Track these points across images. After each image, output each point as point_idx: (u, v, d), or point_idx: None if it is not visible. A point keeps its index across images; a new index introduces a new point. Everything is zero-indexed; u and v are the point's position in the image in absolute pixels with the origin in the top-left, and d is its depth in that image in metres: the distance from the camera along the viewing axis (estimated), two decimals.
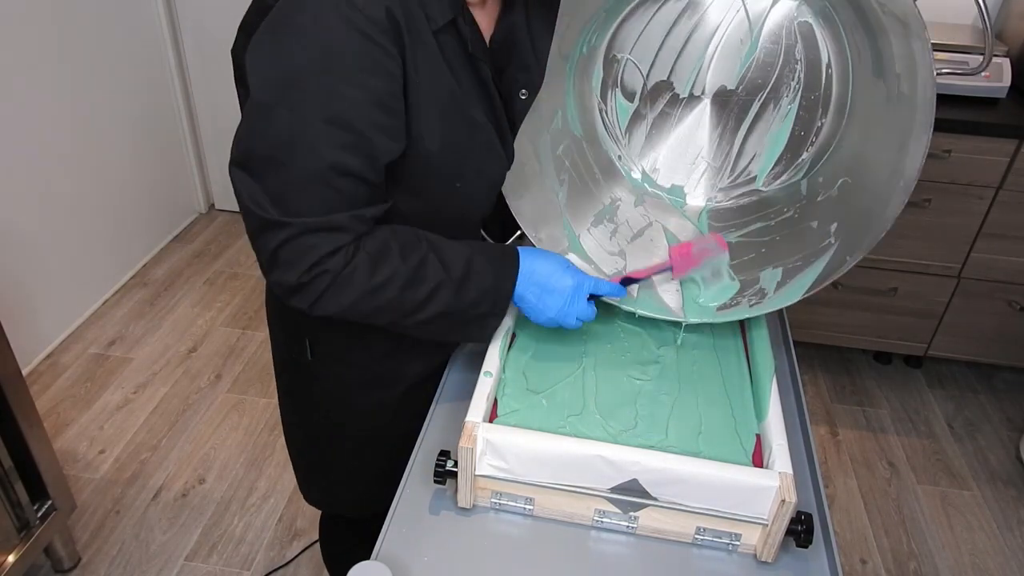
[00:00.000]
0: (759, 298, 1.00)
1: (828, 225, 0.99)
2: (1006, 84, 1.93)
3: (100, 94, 2.43)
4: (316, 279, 0.78)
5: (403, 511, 0.85)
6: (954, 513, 1.95)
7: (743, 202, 1.11)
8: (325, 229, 0.77)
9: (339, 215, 0.77)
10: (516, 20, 0.88)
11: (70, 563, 1.70)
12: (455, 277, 0.85)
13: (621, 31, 1.05)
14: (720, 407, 0.91)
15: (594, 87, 1.08)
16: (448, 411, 0.98)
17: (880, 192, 0.92)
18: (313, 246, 0.77)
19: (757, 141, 1.08)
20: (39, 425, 1.52)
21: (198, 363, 2.33)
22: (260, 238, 0.78)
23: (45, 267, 2.28)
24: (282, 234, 0.76)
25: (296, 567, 1.74)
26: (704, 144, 1.10)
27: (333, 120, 0.74)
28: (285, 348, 1.07)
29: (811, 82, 1.03)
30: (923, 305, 2.18)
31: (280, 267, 0.78)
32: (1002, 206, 1.99)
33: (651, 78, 1.07)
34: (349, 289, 0.79)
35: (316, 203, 0.76)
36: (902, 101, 0.90)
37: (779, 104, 1.05)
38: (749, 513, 0.78)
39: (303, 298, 0.80)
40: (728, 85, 1.06)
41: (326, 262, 0.77)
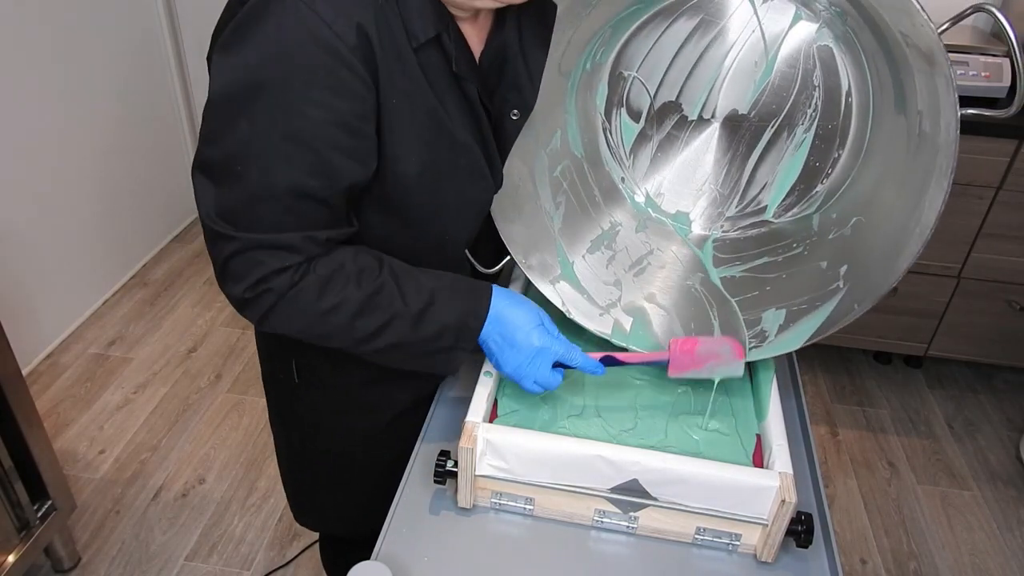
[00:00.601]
0: (759, 341, 0.94)
1: (838, 267, 0.94)
2: (1006, 84, 1.93)
3: (100, 94, 2.43)
4: (261, 296, 0.76)
5: (403, 511, 0.85)
6: (954, 513, 1.95)
7: (750, 233, 1.04)
8: (273, 247, 0.75)
9: (290, 234, 0.75)
10: (508, 37, 0.83)
11: (70, 563, 1.70)
12: (413, 311, 0.81)
13: (628, 48, 1.00)
14: (720, 407, 0.91)
15: (598, 105, 1.03)
16: (448, 411, 0.98)
17: (894, 237, 0.87)
18: (260, 262, 0.75)
19: (769, 170, 1.02)
20: (39, 425, 1.52)
21: (198, 363, 2.33)
22: (212, 247, 0.77)
23: (45, 267, 2.28)
24: (230, 247, 0.75)
25: (296, 567, 1.74)
26: (711, 170, 1.04)
27: (291, 137, 0.71)
28: (272, 366, 1.05)
29: (829, 111, 0.97)
30: (923, 305, 2.18)
31: (229, 279, 0.77)
32: (1002, 206, 1.99)
33: (659, 98, 1.01)
34: (295, 310, 0.77)
35: (267, 220, 0.74)
36: (924, 140, 0.85)
37: (794, 132, 0.99)
38: (749, 513, 0.78)
39: (251, 313, 0.79)
40: (740, 109, 1.00)
41: (271, 280, 0.75)
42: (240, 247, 0.74)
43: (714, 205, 1.06)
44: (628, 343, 0.97)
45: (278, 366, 1.03)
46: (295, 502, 1.19)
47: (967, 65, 1.94)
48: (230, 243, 0.75)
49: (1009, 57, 1.97)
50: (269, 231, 0.74)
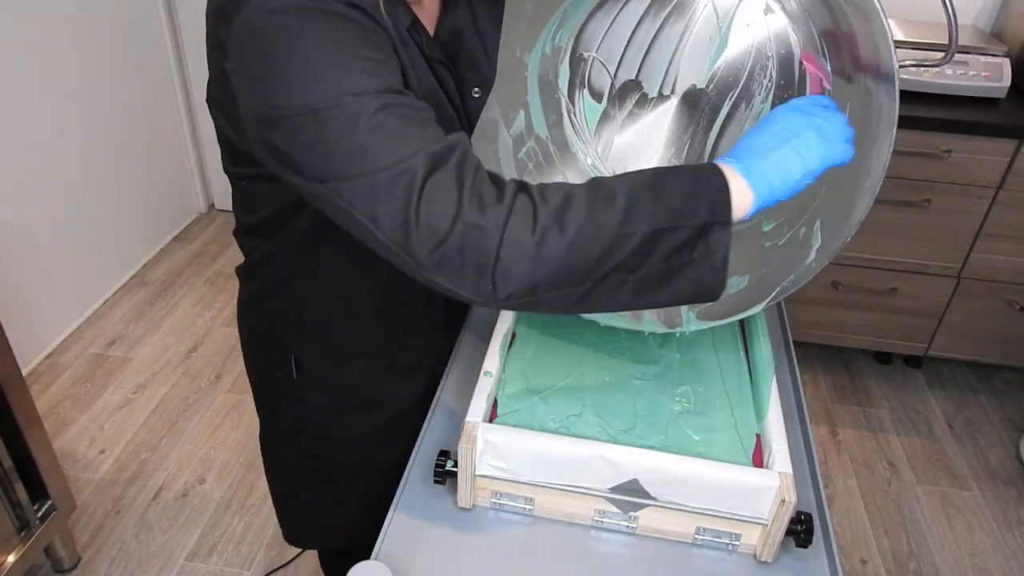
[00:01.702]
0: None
1: (799, 230, 0.95)
2: (1006, 84, 1.93)
3: (99, 94, 2.43)
4: (483, 221, 0.62)
5: (403, 511, 0.85)
6: (954, 513, 1.95)
7: None
8: (438, 162, 0.64)
9: (442, 142, 0.65)
10: (461, 18, 0.85)
11: (70, 563, 1.70)
12: (642, 181, 0.66)
13: (587, 29, 1.01)
14: (720, 407, 0.91)
15: (561, 87, 1.04)
16: (448, 411, 0.98)
17: (848, 194, 0.88)
18: (445, 184, 0.63)
19: (729, 142, 1.02)
20: (39, 425, 1.52)
21: (198, 363, 2.33)
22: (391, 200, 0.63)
23: (45, 267, 2.28)
24: (412, 181, 0.62)
25: (296, 567, 1.74)
26: (675, 145, 1.05)
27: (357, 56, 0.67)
28: (268, 370, 1.01)
29: (784, 80, 0.98)
30: (923, 305, 2.18)
31: (428, 226, 0.62)
32: (1002, 206, 1.99)
33: (619, 78, 1.02)
34: (525, 223, 0.62)
35: (399, 137, 0.65)
36: (869, 96, 0.86)
37: (751, 103, 1.00)
38: (749, 513, 0.78)
39: (475, 257, 0.62)
40: (698, 84, 1.00)
41: (470, 199, 0.62)
42: (420, 179, 0.62)
43: None
44: (597, 317, 0.97)
45: (276, 366, 1.00)
46: (292, 523, 1.15)
47: (967, 65, 1.94)
48: (402, 180, 0.62)
49: (1009, 57, 1.97)
50: (418, 147, 0.63)
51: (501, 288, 0.62)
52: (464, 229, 0.61)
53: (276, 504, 1.17)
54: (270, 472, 1.14)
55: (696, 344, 1.01)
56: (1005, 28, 2.15)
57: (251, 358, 1.05)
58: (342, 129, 0.63)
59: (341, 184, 0.64)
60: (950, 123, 1.87)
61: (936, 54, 0.88)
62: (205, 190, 3.11)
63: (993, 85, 1.93)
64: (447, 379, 1.03)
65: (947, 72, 1.94)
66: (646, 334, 1.03)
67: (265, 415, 1.09)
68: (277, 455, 1.11)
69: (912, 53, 1.99)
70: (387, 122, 0.64)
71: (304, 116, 0.64)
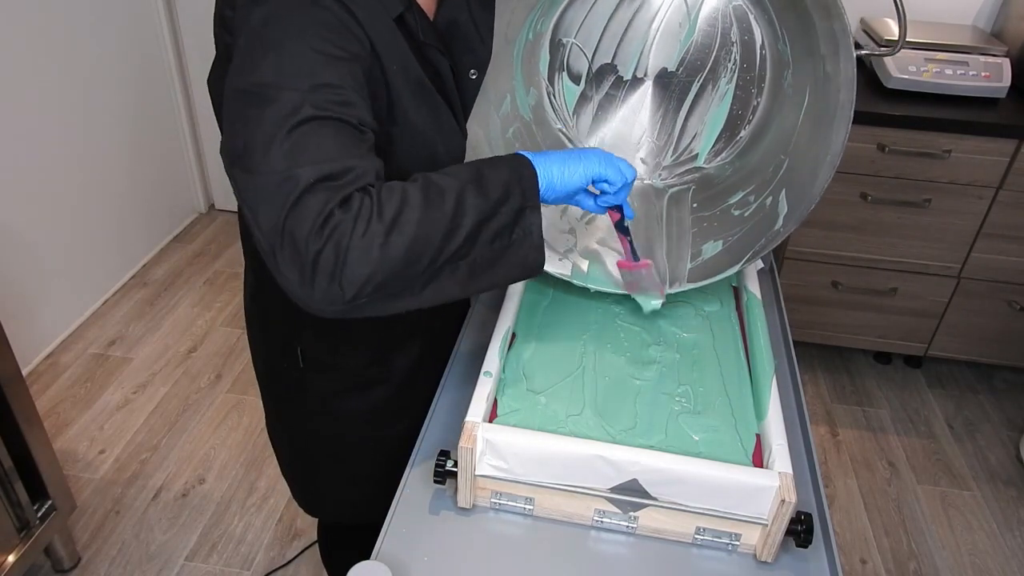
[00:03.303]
0: (695, 263, 1.05)
1: (765, 200, 1.03)
2: (1006, 84, 1.93)
3: (99, 94, 2.43)
4: (331, 236, 0.66)
5: (403, 511, 0.85)
6: (954, 513, 1.95)
7: (686, 179, 1.15)
8: (326, 178, 0.68)
9: (338, 161, 0.69)
10: (457, 6, 0.89)
11: (70, 563, 1.70)
12: (468, 178, 0.74)
13: (566, 16, 1.09)
14: (720, 407, 0.91)
15: (541, 71, 1.12)
16: (448, 411, 0.98)
17: (811, 167, 0.96)
18: (323, 197, 0.67)
19: (698, 121, 1.13)
20: (39, 425, 1.52)
21: (198, 363, 2.33)
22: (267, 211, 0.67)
23: (45, 267, 2.28)
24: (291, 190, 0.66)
25: (296, 567, 1.74)
26: (647, 124, 1.15)
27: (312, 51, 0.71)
28: (273, 360, 1.06)
29: (747, 63, 1.08)
30: (923, 305, 2.19)
31: (293, 233, 0.66)
32: (1002, 206, 1.99)
33: (596, 61, 1.11)
34: (367, 235, 0.67)
35: (310, 146, 0.69)
36: (828, 80, 0.94)
37: (717, 85, 1.10)
38: (749, 513, 0.78)
39: (323, 270, 0.66)
40: (669, 67, 1.10)
41: (334, 215, 0.67)
42: (301, 186, 0.66)
43: (652, 156, 1.16)
44: (587, 282, 1.04)
45: (281, 357, 1.04)
46: (304, 493, 1.20)
47: (967, 65, 1.94)
48: (286, 186, 0.66)
49: (1009, 57, 1.97)
50: (318, 161, 0.67)
51: (348, 290, 0.66)
52: (318, 242, 0.65)
53: (292, 482, 1.21)
54: (283, 455, 1.18)
55: (696, 344, 1.02)
56: (1005, 28, 2.15)
57: (260, 354, 1.09)
58: (267, 120, 0.68)
59: (241, 174, 0.69)
60: (950, 123, 1.87)
61: (937, 54, 0.92)
62: (205, 190, 3.11)
63: (993, 85, 1.93)
64: (447, 379, 1.03)
65: (947, 72, 1.94)
66: (646, 334, 1.03)
67: (272, 403, 1.13)
68: (287, 440, 1.15)
69: (915, 53, 1.99)
70: (305, 130, 0.68)
71: (247, 94, 0.70)
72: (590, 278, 1.05)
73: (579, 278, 1.05)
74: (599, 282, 1.05)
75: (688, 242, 1.08)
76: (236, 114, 0.71)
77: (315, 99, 0.69)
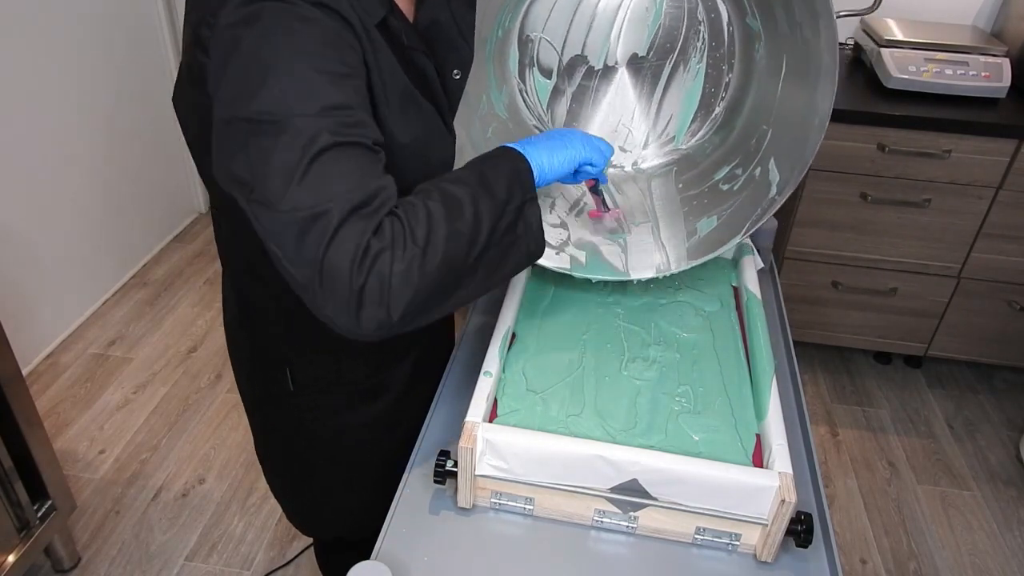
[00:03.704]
0: (690, 239, 1.06)
1: (754, 171, 1.04)
2: (1006, 84, 1.93)
3: (99, 94, 2.43)
4: (374, 264, 0.66)
5: (403, 511, 0.85)
6: (954, 513, 1.95)
7: (668, 160, 1.17)
8: (360, 206, 0.67)
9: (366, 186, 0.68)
10: (437, 2, 0.87)
11: (70, 563, 1.70)
12: (476, 183, 0.75)
13: (532, 11, 1.09)
14: (720, 407, 0.91)
15: (511, 68, 1.12)
16: (448, 411, 0.98)
17: (799, 133, 0.98)
18: (358, 229, 0.66)
19: (673, 102, 1.13)
20: (39, 425, 1.52)
21: (198, 363, 2.33)
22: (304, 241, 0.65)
23: (45, 267, 2.28)
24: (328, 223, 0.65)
25: (296, 567, 1.74)
26: (623, 111, 1.15)
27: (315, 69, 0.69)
28: (262, 384, 1.03)
29: (715, 41, 1.09)
30: (923, 305, 2.18)
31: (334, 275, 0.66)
32: (1002, 206, 1.99)
33: (565, 54, 1.11)
34: (407, 259, 0.68)
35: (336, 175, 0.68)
36: (808, 46, 0.95)
37: (688, 65, 1.11)
38: (749, 513, 0.78)
39: (371, 302, 0.67)
40: (640, 52, 1.10)
41: (372, 245, 0.67)
42: (336, 220, 0.65)
43: (630, 142, 1.17)
44: (586, 273, 1.05)
45: (270, 380, 1.01)
46: (304, 515, 1.18)
47: (967, 65, 1.94)
48: (320, 222, 0.65)
49: (1009, 57, 1.97)
50: (346, 191, 0.66)
51: (395, 314, 0.68)
52: (361, 276, 0.66)
53: (284, 500, 1.19)
54: (276, 479, 1.16)
55: (696, 344, 1.02)
56: (1005, 28, 2.15)
57: (248, 377, 1.07)
58: (281, 151, 0.66)
59: (261, 210, 0.67)
60: (950, 123, 1.87)
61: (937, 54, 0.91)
62: (205, 190, 3.10)
63: (993, 85, 1.93)
64: (447, 379, 1.03)
65: (947, 72, 1.94)
66: (646, 334, 1.03)
67: (260, 429, 1.11)
68: (278, 462, 1.13)
69: (915, 53, 1.99)
70: (326, 159, 0.66)
71: (252, 123, 0.67)
72: (588, 268, 1.06)
73: (578, 270, 1.05)
74: (598, 271, 1.05)
75: (681, 220, 1.10)
76: (236, 143, 0.68)
77: (329, 124, 0.67)
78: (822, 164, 1.98)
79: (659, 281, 1.14)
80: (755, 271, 1.13)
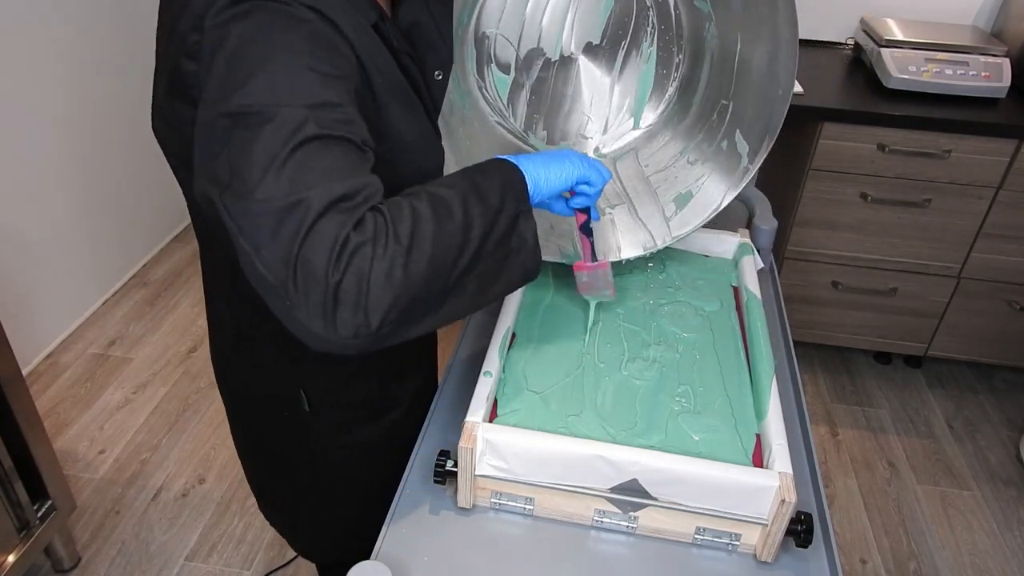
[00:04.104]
0: (669, 219, 1.10)
1: (721, 143, 1.09)
2: (1006, 84, 1.93)
3: (99, 94, 2.43)
4: (351, 263, 0.62)
5: (403, 511, 0.85)
6: (954, 513, 1.95)
7: (629, 142, 1.19)
8: (342, 199, 0.63)
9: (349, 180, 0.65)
10: (415, 3, 0.85)
11: (70, 563, 1.70)
12: (467, 188, 0.72)
13: (486, 8, 1.10)
14: (720, 407, 0.91)
15: (469, 67, 1.12)
16: (448, 411, 0.98)
17: (763, 105, 1.02)
18: (338, 221, 0.62)
19: (629, 86, 1.16)
20: (39, 425, 1.52)
21: (198, 363, 2.33)
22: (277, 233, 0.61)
23: (45, 267, 2.28)
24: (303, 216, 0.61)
25: (296, 567, 1.74)
26: (581, 98, 1.17)
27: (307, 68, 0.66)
28: (275, 410, 0.98)
29: (664, 24, 1.12)
30: (923, 305, 2.18)
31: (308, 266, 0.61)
32: (1002, 206, 1.99)
33: (522, 47, 1.12)
34: (388, 258, 0.63)
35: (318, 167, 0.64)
36: (763, 23, 0.98)
37: (640, 49, 1.13)
38: (749, 513, 0.78)
39: (347, 300, 0.61)
40: (594, 41, 1.12)
41: (351, 239, 0.62)
42: (314, 212, 0.61)
43: (591, 130, 1.19)
44: (573, 260, 1.05)
45: (283, 404, 0.97)
46: (309, 541, 1.15)
47: (967, 65, 1.94)
48: (295, 212, 0.60)
49: (1009, 57, 1.97)
50: (328, 182, 0.62)
51: (374, 319, 0.62)
52: (338, 272, 0.60)
53: (290, 531, 1.15)
54: (275, 500, 1.12)
55: (696, 344, 1.02)
56: (1005, 28, 2.15)
57: (243, 403, 1.03)
58: (264, 139, 0.62)
59: (233, 201, 0.62)
60: (950, 123, 1.87)
61: (937, 54, 0.92)
62: None
63: (993, 85, 1.93)
64: (447, 379, 1.03)
65: (947, 72, 1.94)
66: (646, 334, 1.03)
67: (265, 455, 1.07)
68: (291, 489, 1.09)
69: (915, 53, 1.99)
70: (310, 148, 0.62)
71: (234, 117, 0.63)
72: (575, 255, 1.07)
73: (568, 257, 1.07)
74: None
75: (655, 198, 1.12)
76: (217, 139, 0.64)
77: (316, 116, 0.63)
78: (822, 164, 1.98)
79: (659, 281, 1.14)
80: (755, 271, 1.13)
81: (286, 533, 1.18)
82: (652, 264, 1.18)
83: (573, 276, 1.09)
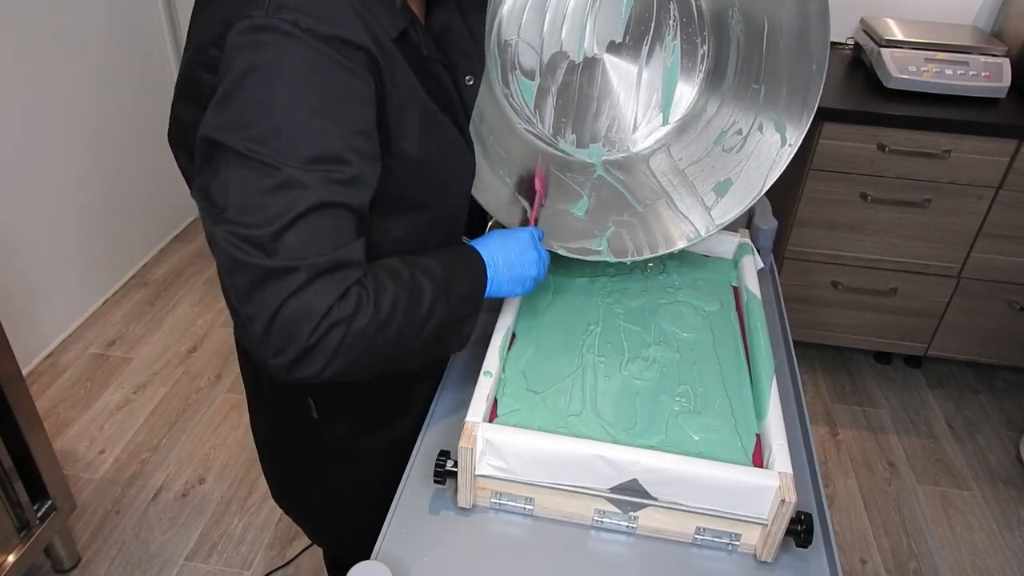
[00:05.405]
0: (708, 210, 1.11)
1: (757, 128, 1.09)
2: (1006, 84, 1.93)
3: (100, 94, 2.43)
4: (328, 333, 0.68)
5: (403, 511, 0.85)
6: (954, 513, 1.95)
7: (660, 138, 1.18)
8: (334, 268, 0.69)
9: (346, 248, 0.70)
10: (448, 7, 0.85)
11: (70, 563, 1.70)
12: (441, 286, 0.79)
13: (505, 16, 1.09)
14: (720, 407, 0.91)
15: (494, 75, 1.11)
16: (448, 411, 0.98)
17: (798, 83, 1.03)
18: (320, 292, 0.68)
19: (655, 82, 1.16)
20: (39, 425, 1.52)
21: (198, 363, 2.33)
22: (255, 296, 0.67)
23: (45, 267, 2.28)
24: (287, 283, 0.67)
25: (296, 567, 1.74)
26: (609, 98, 1.17)
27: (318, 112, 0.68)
28: (284, 417, 1.01)
29: (686, 17, 1.11)
30: (923, 305, 2.19)
31: (282, 330, 0.67)
32: (1002, 206, 1.99)
33: (545, 52, 1.12)
34: (362, 334, 0.71)
35: (316, 235, 0.69)
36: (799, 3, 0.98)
37: (664, 42, 1.13)
38: (749, 513, 0.78)
39: (313, 363, 0.69)
40: (617, 39, 1.12)
41: (334, 311, 0.68)
42: (303, 279, 0.67)
43: (620, 129, 1.18)
44: (607, 257, 1.09)
45: (292, 412, 0.99)
46: (334, 534, 1.16)
47: (967, 65, 1.94)
48: (287, 278, 0.66)
49: (1009, 57, 1.97)
50: (321, 253, 0.68)
51: (326, 374, 0.70)
52: (315, 336, 0.68)
53: (300, 519, 1.17)
54: (306, 510, 1.14)
55: (696, 344, 1.02)
56: (1005, 28, 2.15)
57: (265, 415, 1.07)
58: (267, 198, 0.66)
59: (227, 237, 0.67)
60: (950, 123, 1.87)
61: (937, 54, 0.92)
62: None
63: (993, 85, 1.93)
64: (447, 379, 1.03)
65: (947, 72, 1.94)
66: (646, 334, 1.03)
67: (280, 458, 1.09)
68: (305, 486, 1.10)
69: (915, 53, 1.99)
70: (311, 219, 0.67)
71: (240, 156, 0.66)
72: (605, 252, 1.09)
73: (605, 255, 1.08)
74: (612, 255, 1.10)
75: (694, 189, 1.12)
76: (220, 163, 0.67)
77: (317, 180, 0.67)
78: (822, 164, 1.99)
79: (659, 281, 1.14)
80: (755, 271, 1.13)
81: (299, 524, 1.20)
82: (652, 264, 1.18)
83: (573, 277, 1.09)
